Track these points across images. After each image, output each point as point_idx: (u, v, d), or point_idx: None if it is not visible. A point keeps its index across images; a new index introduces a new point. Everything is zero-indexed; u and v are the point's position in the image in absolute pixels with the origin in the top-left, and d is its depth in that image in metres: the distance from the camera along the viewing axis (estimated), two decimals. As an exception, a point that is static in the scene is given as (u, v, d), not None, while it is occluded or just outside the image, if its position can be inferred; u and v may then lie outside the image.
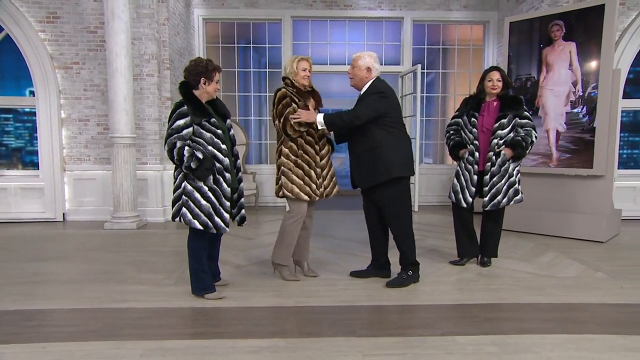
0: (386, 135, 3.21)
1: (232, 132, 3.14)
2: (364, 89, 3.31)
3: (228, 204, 2.94)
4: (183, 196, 2.88)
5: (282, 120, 3.22)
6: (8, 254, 4.39)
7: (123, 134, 5.57)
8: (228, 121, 3.12)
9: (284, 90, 3.27)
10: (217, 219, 2.88)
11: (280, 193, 3.33)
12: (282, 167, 3.30)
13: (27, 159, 6.59)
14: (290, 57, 3.49)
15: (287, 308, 2.94)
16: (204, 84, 2.89)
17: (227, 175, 2.92)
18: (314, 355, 2.28)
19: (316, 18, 7.65)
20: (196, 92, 2.92)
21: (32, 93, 6.25)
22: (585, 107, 4.97)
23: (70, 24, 6.09)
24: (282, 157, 3.31)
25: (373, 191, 3.33)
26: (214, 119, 2.89)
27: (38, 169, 6.29)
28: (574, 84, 5.02)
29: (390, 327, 2.67)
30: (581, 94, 4.96)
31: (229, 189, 2.93)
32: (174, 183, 2.95)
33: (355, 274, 3.58)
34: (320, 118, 3.21)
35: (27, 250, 4.55)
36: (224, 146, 2.91)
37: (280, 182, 3.32)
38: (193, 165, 2.77)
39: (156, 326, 2.64)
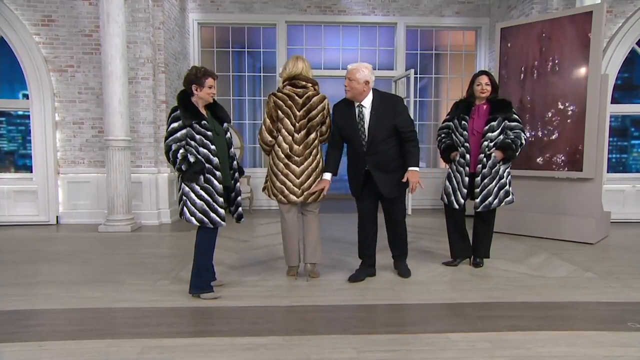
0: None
1: (228, 135, 3.23)
2: (368, 100, 3.32)
3: (221, 199, 3.05)
4: (183, 196, 3.02)
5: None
6: (2, 256, 4.38)
7: (118, 137, 5.58)
8: (225, 125, 3.21)
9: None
10: (212, 214, 3.00)
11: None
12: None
13: (20, 162, 6.57)
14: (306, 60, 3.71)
15: (282, 307, 2.98)
16: (196, 90, 3.01)
17: (218, 173, 3.01)
18: (310, 351, 2.31)
19: (310, 23, 7.73)
20: (193, 99, 3.04)
21: (26, 96, 6.25)
22: None
23: (66, 27, 6.10)
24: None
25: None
26: (204, 122, 2.99)
27: (31, 172, 6.27)
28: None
29: (384, 324, 2.72)
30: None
31: (220, 186, 3.03)
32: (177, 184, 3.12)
33: (354, 279, 3.52)
34: (416, 167, 3.42)
35: (21, 253, 4.54)
36: (213, 147, 3.00)
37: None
38: (183, 167, 2.92)
39: (154, 325, 2.66)
